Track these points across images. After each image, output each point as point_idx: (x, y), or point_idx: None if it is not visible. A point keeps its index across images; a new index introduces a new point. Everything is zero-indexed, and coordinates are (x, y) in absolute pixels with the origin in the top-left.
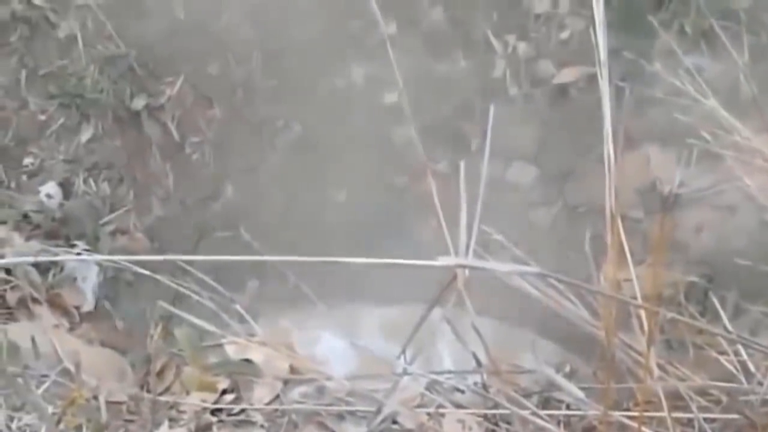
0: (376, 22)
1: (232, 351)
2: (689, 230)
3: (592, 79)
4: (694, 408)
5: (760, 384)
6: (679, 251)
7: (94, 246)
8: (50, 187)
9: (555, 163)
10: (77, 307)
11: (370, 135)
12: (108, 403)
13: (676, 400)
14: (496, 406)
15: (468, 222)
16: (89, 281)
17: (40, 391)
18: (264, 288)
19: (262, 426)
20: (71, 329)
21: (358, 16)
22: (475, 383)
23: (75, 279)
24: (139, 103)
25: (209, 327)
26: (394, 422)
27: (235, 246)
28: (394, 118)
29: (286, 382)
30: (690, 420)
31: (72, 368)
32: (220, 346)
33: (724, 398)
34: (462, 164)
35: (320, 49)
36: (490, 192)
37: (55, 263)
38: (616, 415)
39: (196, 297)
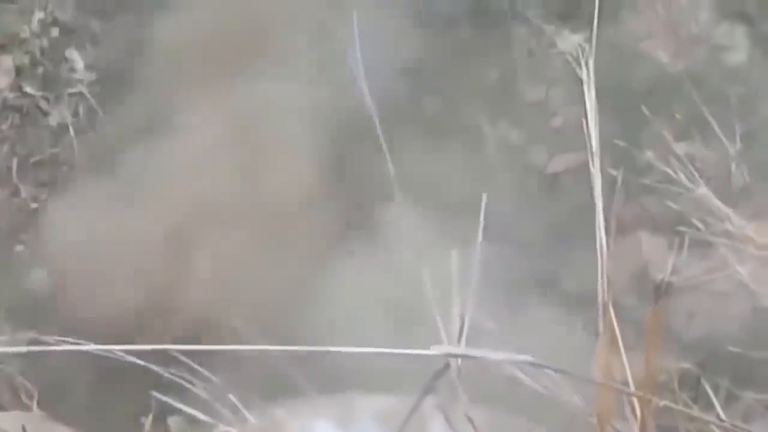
0: None
1: None
2: (682, 317)
3: (585, 166)
4: None
5: None
6: (671, 338)
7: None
8: (40, 276)
9: (547, 249)
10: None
11: None
12: None
13: None
14: None
15: (461, 310)
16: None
17: None
18: (258, 376)
19: None
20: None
21: None
22: None
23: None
24: None
25: (202, 417)
26: None
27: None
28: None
29: None
30: None
31: None
32: None
33: None
34: (454, 252)
35: None
36: (482, 280)
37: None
38: None
39: (188, 386)
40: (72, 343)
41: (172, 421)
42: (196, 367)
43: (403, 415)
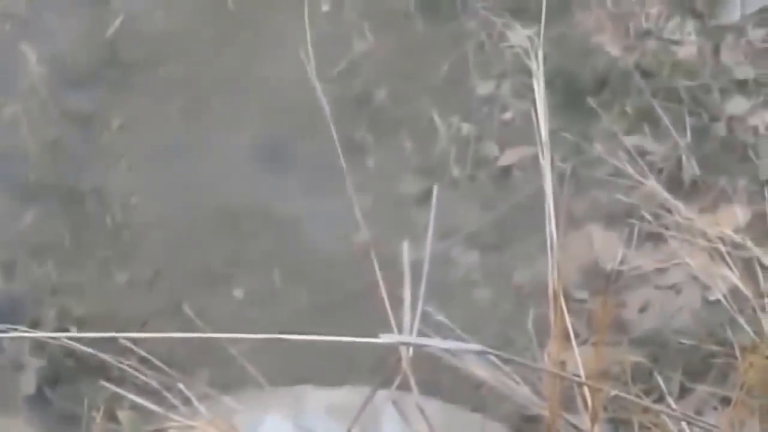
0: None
1: None
2: (634, 310)
3: (535, 160)
4: None
5: None
6: (624, 331)
7: (36, 330)
8: None
9: (499, 243)
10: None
11: None
12: None
13: None
14: None
15: (412, 301)
16: (31, 364)
17: None
18: (211, 368)
19: None
20: (11, 413)
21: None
22: None
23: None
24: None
25: (153, 408)
26: None
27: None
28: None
29: None
30: None
31: None
32: (163, 429)
33: None
34: (406, 244)
35: None
36: (434, 271)
37: None
38: None
39: (140, 377)
40: (20, 331)
41: (122, 413)
42: (147, 356)
43: (355, 408)
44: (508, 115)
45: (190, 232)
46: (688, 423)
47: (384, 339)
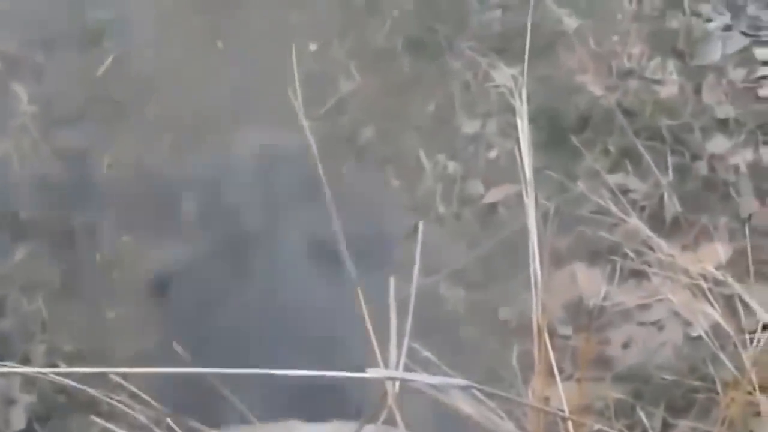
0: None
1: None
2: (617, 346)
3: (520, 197)
4: None
5: None
6: (607, 366)
7: (26, 365)
8: None
9: (484, 280)
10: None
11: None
12: None
13: None
14: None
15: (398, 337)
16: (21, 399)
17: None
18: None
19: None
20: None
21: None
22: None
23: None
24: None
25: None
26: None
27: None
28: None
29: None
30: None
31: None
32: None
33: None
34: (392, 280)
35: None
36: (420, 307)
37: None
38: None
39: (129, 411)
40: (10, 366)
41: None
42: (136, 391)
43: None
44: (493, 154)
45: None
46: None
47: (371, 374)
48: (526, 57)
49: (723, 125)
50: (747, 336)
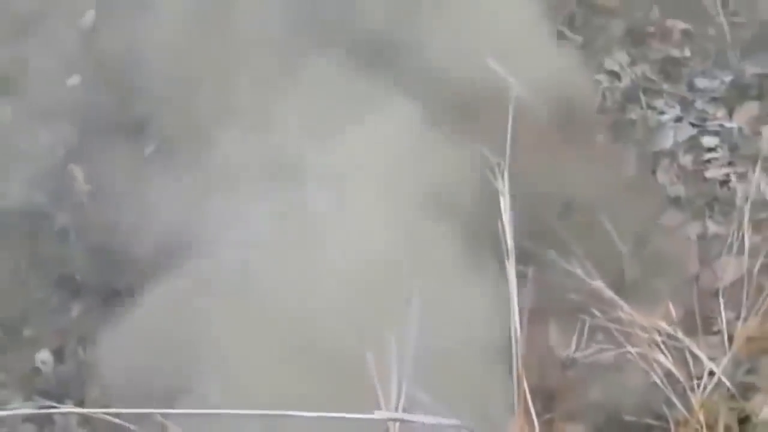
0: None
1: None
2: (584, 390)
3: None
4: None
5: None
6: (575, 407)
7: (81, 405)
8: (44, 355)
9: None
10: None
11: None
12: None
13: None
14: None
15: (398, 381)
16: None
17: None
18: None
19: None
20: None
21: None
22: None
23: None
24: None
25: None
26: None
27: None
28: None
29: None
30: None
31: None
32: None
33: None
34: (393, 335)
35: None
36: (419, 355)
37: (49, 421)
38: None
39: None
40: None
41: None
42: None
43: None
44: None
45: None
46: None
47: (378, 415)
48: (508, 143)
49: (675, 202)
50: (695, 382)
